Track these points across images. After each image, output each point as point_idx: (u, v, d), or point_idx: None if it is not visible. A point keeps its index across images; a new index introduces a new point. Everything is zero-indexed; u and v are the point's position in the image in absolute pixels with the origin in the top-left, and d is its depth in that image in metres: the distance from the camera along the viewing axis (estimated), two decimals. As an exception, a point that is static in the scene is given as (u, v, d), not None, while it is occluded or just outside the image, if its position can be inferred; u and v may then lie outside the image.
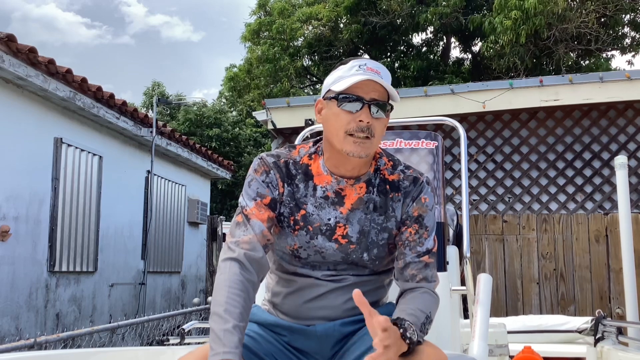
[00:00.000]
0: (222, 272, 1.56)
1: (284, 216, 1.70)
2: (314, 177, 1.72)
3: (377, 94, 1.64)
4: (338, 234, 1.69)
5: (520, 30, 10.73)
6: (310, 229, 1.69)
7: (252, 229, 1.62)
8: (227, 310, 1.48)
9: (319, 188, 1.71)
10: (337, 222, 1.69)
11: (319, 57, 14.43)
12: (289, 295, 1.74)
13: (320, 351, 1.72)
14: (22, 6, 69.49)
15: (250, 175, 1.71)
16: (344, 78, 1.65)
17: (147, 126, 8.19)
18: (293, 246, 1.70)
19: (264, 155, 1.74)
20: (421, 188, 1.74)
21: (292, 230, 1.69)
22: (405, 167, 1.78)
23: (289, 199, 1.70)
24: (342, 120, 1.63)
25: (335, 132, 1.65)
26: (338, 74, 1.68)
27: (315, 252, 1.69)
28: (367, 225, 1.70)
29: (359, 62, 1.67)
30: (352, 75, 1.64)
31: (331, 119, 1.66)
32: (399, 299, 1.68)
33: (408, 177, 1.75)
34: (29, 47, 5.64)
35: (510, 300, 6.39)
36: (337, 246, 1.69)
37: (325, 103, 1.70)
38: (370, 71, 1.64)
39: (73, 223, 6.85)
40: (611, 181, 6.68)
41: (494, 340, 2.74)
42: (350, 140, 1.62)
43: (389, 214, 1.72)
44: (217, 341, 1.44)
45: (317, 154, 1.75)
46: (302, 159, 1.74)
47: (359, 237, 1.70)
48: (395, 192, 1.73)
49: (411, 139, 3.14)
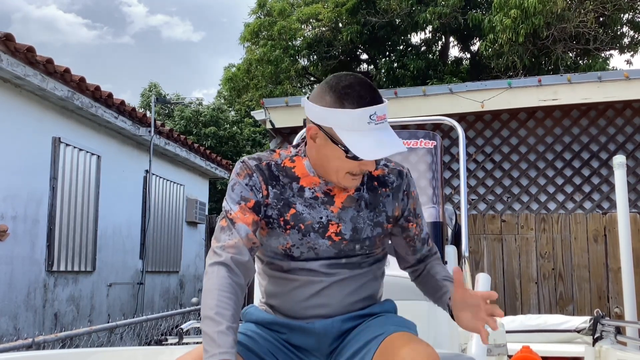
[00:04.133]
0: (210, 276, 1.56)
1: (272, 218, 1.70)
2: (300, 179, 1.71)
3: None
4: (331, 231, 1.70)
5: (519, 29, 10.73)
6: (302, 227, 1.69)
7: (238, 233, 1.62)
8: (219, 312, 1.48)
9: (306, 190, 1.71)
10: (329, 220, 1.70)
11: (318, 57, 14.42)
12: (285, 294, 1.73)
13: (318, 348, 1.72)
14: (23, 7, 69.49)
15: (233, 179, 1.71)
16: (354, 130, 1.56)
17: (146, 126, 8.19)
18: (285, 245, 1.70)
19: (245, 158, 1.74)
20: (409, 181, 1.79)
21: (283, 230, 1.69)
22: (386, 160, 1.80)
23: (276, 200, 1.70)
24: (346, 165, 1.61)
25: (335, 170, 1.63)
26: (344, 119, 1.56)
27: (309, 248, 1.69)
28: (360, 223, 1.71)
29: (369, 110, 1.55)
30: (364, 131, 1.55)
31: (331, 158, 1.62)
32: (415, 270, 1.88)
33: (393, 171, 1.78)
34: (27, 46, 5.63)
35: (509, 299, 6.39)
36: (331, 243, 1.70)
37: (324, 138, 1.60)
38: (381, 121, 1.57)
39: (71, 223, 6.84)
40: (609, 181, 6.68)
41: (493, 340, 2.73)
42: (349, 178, 1.64)
43: (379, 209, 1.74)
44: (212, 343, 1.44)
45: (299, 155, 1.74)
46: (283, 161, 1.73)
47: (352, 234, 1.71)
48: (384, 188, 1.76)
49: (410, 138, 3.14)
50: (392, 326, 1.64)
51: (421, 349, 1.51)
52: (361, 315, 1.74)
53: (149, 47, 73.05)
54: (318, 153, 1.65)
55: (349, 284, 1.72)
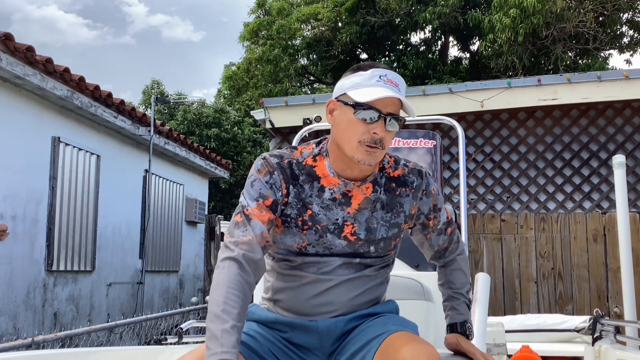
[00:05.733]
0: (220, 271, 1.55)
1: (291, 217, 1.70)
2: (321, 179, 1.71)
3: (393, 107, 1.64)
4: (347, 231, 1.70)
5: (518, 28, 10.73)
6: (319, 228, 1.69)
7: (252, 230, 1.61)
8: (225, 310, 1.47)
9: (326, 190, 1.71)
10: (345, 221, 1.70)
11: (317, 56, 14.43)
12: (292, 290, 1.73)
13: (320, 347, 1.72)
14: (23, 7, 69.47)
15: (253, 175, 1.70)
16: (364, 87, 1.63)
17: (145, 125, 8.18)
18: (301, 244, 1.70)
19: (267, 155, 1.73)
20: (428, 180, 1.81)
21: (300, 230, 1.69)
22: (405, 161, 1.83)
23: (296, 200, 1.70)
24: (357, 130, 1.62)
25: (348, 139, 1.64)
26: (356, 80, 1.65)
27: (325, 248, 1.70)
28: (374, 223, 1.72)
29: (379, 71, 1.64)
30: (372, 86, 1.62)
31: (344, 125, 1.65)
32: (439, 273, 1.93)
33: (412, 171, 1.79)
34: (26, 45, 5.63)
35: (508, 299, 6.40)
36: (347, 243, 1.71)
37: (339, 106, 1.67)
38: (390, 83, 1.63)
39: (71, 222, 6.84)
40: (609, 180, 6.69)
41: (492, 340, 2.74)
42: (362, 150, 1.63)
43: (397, 210, 1.76)
44: (215, 341, 1.44)
45: (321, 155, 1.74)
46: (305, 160, 1.73)
47: (366, 234, 1.71)
48: (403, 187, 1.77)
49: (409, 138, 3.15)
50: (393, 326, 1.64)
51: (422, 349, 1.51)
52: (363, 315, 1.74)
53: (149, 47, 73.10)
54: (335, 128, 1.69)
55: (357, 285, 1.73)
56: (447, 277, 1.89)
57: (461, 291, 1.87)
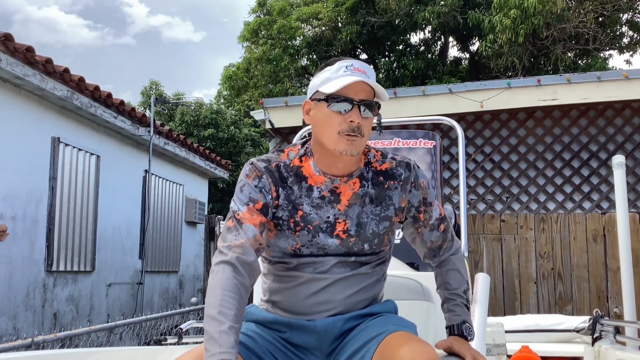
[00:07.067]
0: (215, 275, 1.57)
1: (282, 220, 1.71)
2: (308, 179, 1.73)
3: (365, 94, 1.67)
4: (339, 229, 1.72)
5: (518, 29, 10.74)
6: (311, 228, 1.71)
7: (245, 234, 1.63)
8: (222, 312, 1.49)
9: (314, 189, 1.73)
10: (336, 219, 1.72)
11: (317, 56, 14.43)
12: (289, 290, 1.74)
13: (319, 347, 1.72)
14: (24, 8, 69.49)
15: (242, 180, 1.72)
16: (332, 80, 1.67)
17: (145, 125, 8.18)
18: (295, 246, 1.71)
19: (254, 160, 1.75)
20: (416, 173, 1.81)
21: (292, 232, 1.71)
22: (393, 154, 1.83)
23: (286, 202, 1.72)
24: (334, 122, 1.66)
25: (327, 133, 1.67)
26: (325, 76, 1.70)
27: (318, 248, 1.71)
28: (364, 218, 1.73)
29: (345, 62, 1.69)
30: (340, 77, 1.66)
31: (321, 120, 1.69)
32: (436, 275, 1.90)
33: (400, 164, 1.80)
34: (26, 46, 5.63)
35: (508, 299, 6.40)
36: (339, 242, 1.72)
37: (314, 104, 1.71)
38: (358, 71, 1.67)
39: (70, 222, 6.84)
40: (609, 181, 6.69)
41: (492, 340, 2.74)
42: (343, 140, 1.65)
43: (386, 203, 1.76)
44: (213, 342, 1.44)
45: (306, 155, 1.76)
46: (292, 161, 1.75)
47: (357, 229, 1.72)
48: (391, 180, 1.77)
49: (409, 138, 3.15)
50: (392, 326, 1.64)
51: (420, 349, 1.52)
52: (362, 314, 1.74)
53: (149, 47, 73.14)
54: (314, 126, 1.72)
55: (353, 283, 1.73)
56: (443, 278, 1.87)
57: (457, 292, 1.85)
